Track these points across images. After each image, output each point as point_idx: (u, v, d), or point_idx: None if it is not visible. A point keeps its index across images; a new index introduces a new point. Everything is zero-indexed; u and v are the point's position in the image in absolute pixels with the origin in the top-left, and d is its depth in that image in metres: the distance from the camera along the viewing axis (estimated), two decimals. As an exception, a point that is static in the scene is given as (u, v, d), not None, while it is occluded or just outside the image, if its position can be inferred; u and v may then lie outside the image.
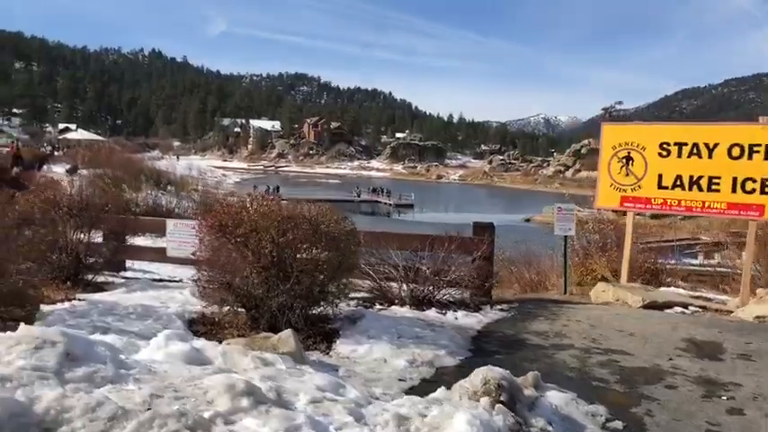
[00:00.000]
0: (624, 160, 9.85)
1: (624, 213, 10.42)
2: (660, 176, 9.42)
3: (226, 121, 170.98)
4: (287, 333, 4.30)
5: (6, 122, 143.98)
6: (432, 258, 7.14)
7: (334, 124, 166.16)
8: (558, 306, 7.60)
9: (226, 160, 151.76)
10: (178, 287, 7.32)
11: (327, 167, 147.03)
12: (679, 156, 9.26)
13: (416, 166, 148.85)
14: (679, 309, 8.07)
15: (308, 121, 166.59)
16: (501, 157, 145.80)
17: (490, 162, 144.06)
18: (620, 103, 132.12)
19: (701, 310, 8.17)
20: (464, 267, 7.00)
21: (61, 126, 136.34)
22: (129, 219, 8.19)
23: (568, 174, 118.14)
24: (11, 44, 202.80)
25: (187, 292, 6.75)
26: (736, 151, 8.80)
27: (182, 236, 8.61)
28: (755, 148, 8.63)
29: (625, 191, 9.81)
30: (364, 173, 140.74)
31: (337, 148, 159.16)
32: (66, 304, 5.84)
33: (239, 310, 5.45)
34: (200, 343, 4.01)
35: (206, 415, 2.71)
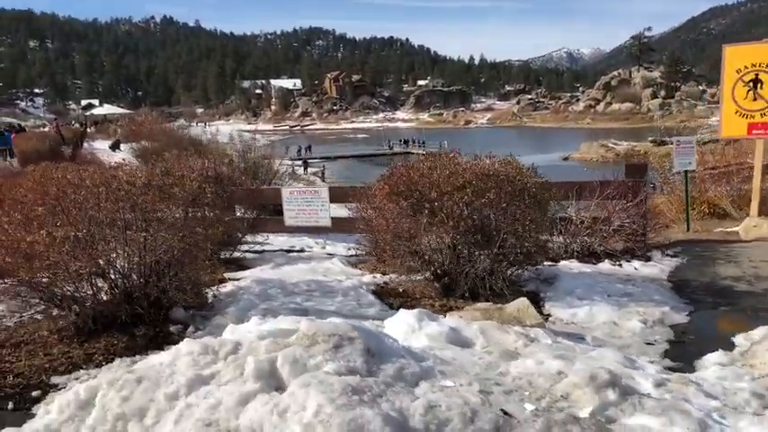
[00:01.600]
0: (751, 84, 9.11)
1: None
2: (797, 98, 8.71)
3: (246, 83, 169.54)
4: (523, 303, 3.91)
5: (30, 103, 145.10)
6: (581, 207, 6.68)
7: (355, 77, 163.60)
8: (719, 246, 7.12)
9: (250, 123, 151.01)
10: (317, 257, 7.01)
11: (353, 122, 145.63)
12: (820, 74, 8.52)
13: (442, 113, 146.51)
14: None
15: (329, 76, 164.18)
16: (529, 97, 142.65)
17: (518, 102, 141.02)
18: (648, 29, 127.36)
19: None
20: (623, 213, 6.52)
21: (84, 102, 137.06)
22: (256, 190, 7.84)
23: (600, 108, 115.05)
24: (23, 23, 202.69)
25: (338, 262, 6.43)
26: None
27: (299, 204, 8.29)
28: None
29: (753, 117, 9.09)
30: (390, 125, 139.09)
31: (361, 101, 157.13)
32: (229, 286, 5.54)
33: (426, 277, 5.08)
34: (449, 321, 3.65)
35: (581, 414, 2.34)
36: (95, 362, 3.99)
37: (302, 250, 8.27)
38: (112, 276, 4.45)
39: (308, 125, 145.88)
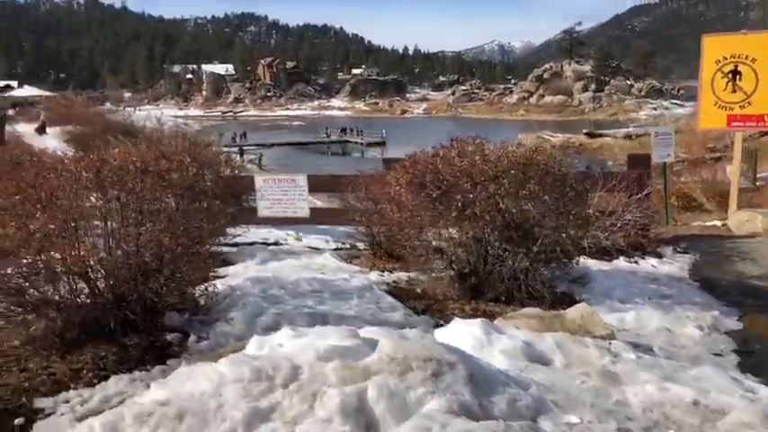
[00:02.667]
0: (730, 75, 9.11)
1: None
2: (776, 91, 8.74)
3: (176, 68, 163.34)
4: (585, 309, 3.50)
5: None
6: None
7: (289, 64, 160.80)
8: (722, 242, 7.00)
9: (181, 109, 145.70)
10: (303, 252, 6.41)
11: (287, 109, 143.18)
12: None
13: (378, 102, 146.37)
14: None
15: (263, 62, 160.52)
16: (463, 88, 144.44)
17: (453, 93, 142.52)
18: (579, 23, 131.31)
19: None
20: (632, 207, 6.25)
21: (1, 84, 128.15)
22: (236, 177, 7.12)
23: (533, 100, 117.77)
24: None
25: (330, 257, 5.86)
26: None
27: (274, 193, 7.65)
28: None
29: (732, 109, 9.11)
30: (326, 112, 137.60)
31: (295, 88, 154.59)
32: (219, 285, 4.86)
33: (447, 276, 4.59)
34: (518, 333, 3.17)
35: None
36: (85, 380, 3.29)
37: (277, 243, 7.65)
38: (98, 275, 3.74)
39: (240, 112, 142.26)
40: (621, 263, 5.69)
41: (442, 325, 3.73)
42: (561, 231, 4.23)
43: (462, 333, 3.03)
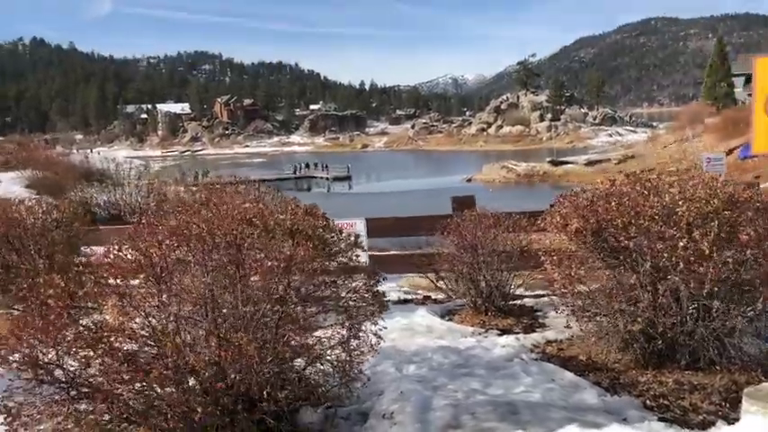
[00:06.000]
0: (787, 97, 8.75)
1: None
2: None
3: (130, 108, 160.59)
4: None
5: None
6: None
7: (247, 101, 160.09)
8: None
9: (136, 149, 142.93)
10: (396, 308, 5.54)
11: (247, 147, 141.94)
12: None
13: (338, 137, 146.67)
14: None
15: (219, 100, 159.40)
16: (423, 121, 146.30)
17: (413, 126, 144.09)
18: (533, 55, 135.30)
19: None
20: None
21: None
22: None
23: (491, 130, 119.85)
24: None
25: (427, 314, 5.03)
26: None
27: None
28: None
29: (788, 132, 8.74)
30: (286, 149, 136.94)
31: (254, 125, 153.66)
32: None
33: (620, 337, 3.81)
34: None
35: None
36: None
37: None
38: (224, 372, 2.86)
39: (198, 150, 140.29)
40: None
41: (664, 410, 2.97)
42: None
43: None
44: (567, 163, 70.21)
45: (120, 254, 3.19)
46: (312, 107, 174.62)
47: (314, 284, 3.36)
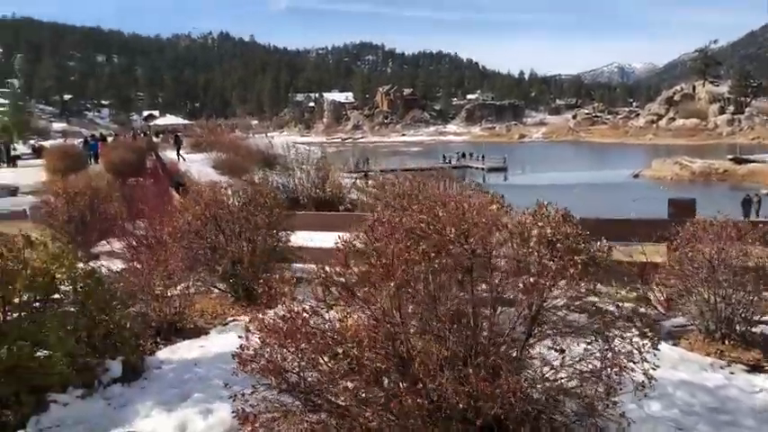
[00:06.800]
0: None
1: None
2: None
3: (299, 97, 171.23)
4: None
5: (97, 114, 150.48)
6: None
7: (406, 91, 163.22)
8: None
9: (303, 135, 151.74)
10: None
11: (404, 135, 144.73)
12: None
13: (495, 127, 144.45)
14: None
15: (381, 90, 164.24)
16: (586, 111, 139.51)
17: (574, 117, 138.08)
18: (715, 41, 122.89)
19: None
20: None
21: (145, 113, 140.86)
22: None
23: (662, 123, 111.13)
24: (91, 39, 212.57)
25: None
26: None
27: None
28: None
29: None
30: (442, 138, 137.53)
31: (412, 114, 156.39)
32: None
33: None
34: None
35: None
36: None
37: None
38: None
39: (359, 138, 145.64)
40: None
41: None
42: None
43: None
44: (752, 161, 62.49)
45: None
46: (469, 96, 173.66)
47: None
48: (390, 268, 2.76)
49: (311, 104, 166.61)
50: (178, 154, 33.57)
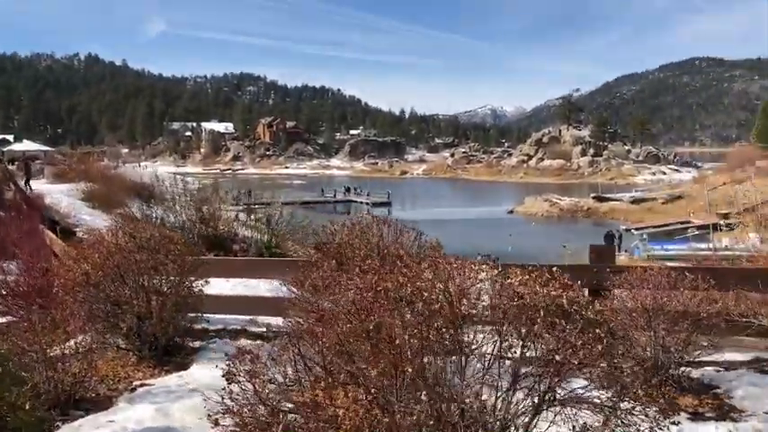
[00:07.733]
0: None
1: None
2: None
3: (175, 125, 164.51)
4: None
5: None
6: None
7: (290, 123, 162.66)
8: None
9: (179, 166, 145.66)
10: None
11: (287, 168, 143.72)
12: None
13: (377, 163, 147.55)
14: None
15: (263, 121, 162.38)
16: (463, 150, 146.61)
17: (452, 155, 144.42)
18: (577, 90, 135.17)
19: None
20: None
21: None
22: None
23: (532, 163, 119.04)
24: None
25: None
26: None
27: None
28: None
29: None
30: (325, 172, 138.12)
31: (295, 147, 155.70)
32: None
33: None
34: None
35: None
36: None
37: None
38: None
39: (240, 169, 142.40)
40: None
41: None
42: None
43: None
44: (611, 200, 68.80)
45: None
46: (352, 132, 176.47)
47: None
48: (402, 349, 2.40)
49: (188, 134, 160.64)
50: (27, 183, 28.77)
